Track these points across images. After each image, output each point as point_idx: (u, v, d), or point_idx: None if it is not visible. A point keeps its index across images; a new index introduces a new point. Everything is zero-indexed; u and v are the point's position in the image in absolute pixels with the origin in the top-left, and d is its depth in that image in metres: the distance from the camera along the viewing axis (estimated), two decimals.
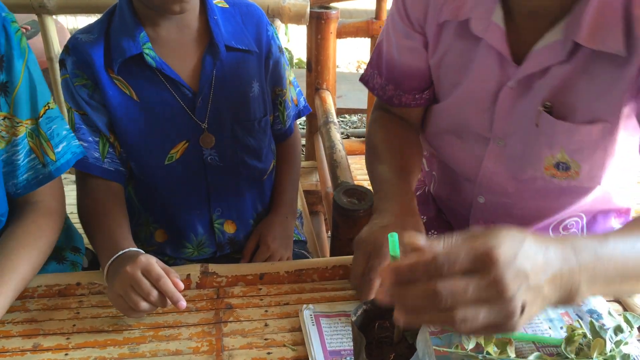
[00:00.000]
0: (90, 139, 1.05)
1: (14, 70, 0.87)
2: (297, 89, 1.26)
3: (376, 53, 1.11)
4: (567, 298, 0.60)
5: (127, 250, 0.92)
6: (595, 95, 0.86)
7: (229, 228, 1.19)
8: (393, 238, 0.62)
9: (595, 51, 0.83)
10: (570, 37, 0.83)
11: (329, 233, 1.53)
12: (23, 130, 0.89)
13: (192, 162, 1.10)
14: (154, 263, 0.84)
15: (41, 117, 0.91)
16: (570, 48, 0.84)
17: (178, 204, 1.14)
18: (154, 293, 0.82)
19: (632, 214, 1.10)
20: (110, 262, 0.90)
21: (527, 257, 0.56)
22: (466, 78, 0.97)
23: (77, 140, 0.98)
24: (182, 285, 0.84)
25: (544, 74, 0.89)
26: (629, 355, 0.77)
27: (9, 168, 0.90)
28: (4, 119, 0.88)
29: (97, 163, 1.06)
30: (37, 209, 0.94)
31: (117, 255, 0.90)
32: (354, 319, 0.67)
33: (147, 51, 1.01)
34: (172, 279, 0.83)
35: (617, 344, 0.78)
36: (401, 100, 1.09)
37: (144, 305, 0.82)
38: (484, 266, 0.55)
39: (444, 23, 0.96)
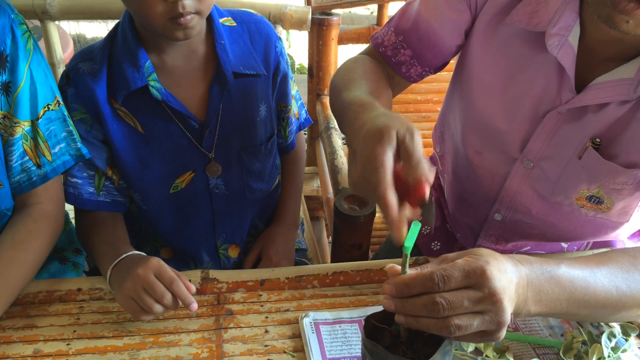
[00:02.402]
0: (84, 174, 1.02)
1: (17, 71, 0.87)
2: (300, 101, 1.23)
3: (399, 14, 1.02)
4: (516, 310, 0.67)
5: (130, 253, 0.92)
6: None
7: (233, 252, 1.18)
8: (416, 227, 0.65)
9: None
10: None
11: (330, 238, 1.53)
12: (19, 131, 0.89)
13: (197, 191, 1.08)
14: (166, 266, 0.86)
15: (40, 118, 0.91)
16: None
17: (182, 232, 1.12)
18: (168, 296, 0.83)
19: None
20: (113, 265, 0.90)
21: (505, 272, 0.65)
22: (514, 88, 0.92)
23: (77, 143, 0.96)
24: (194, 288, 0.85)
25: (600, 108, 0.86)
26: None
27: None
28: (3, 118, 0.88)
29: (91, 197, 1.03)
30: (31, 212, 0.93)
31: (120, 258, 0.91)
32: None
33: (152, 83, 0.96)
34: (184, 282, 0.85)
35: (615, 349, 0.78)
36: (409, 70, 1.02)
37: (157, 307, 0.83)
38: (478, 281, 0.63)
39: (507, 23, 0.90)
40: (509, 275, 0.66)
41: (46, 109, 0.92)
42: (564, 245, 1.05)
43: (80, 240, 1.06)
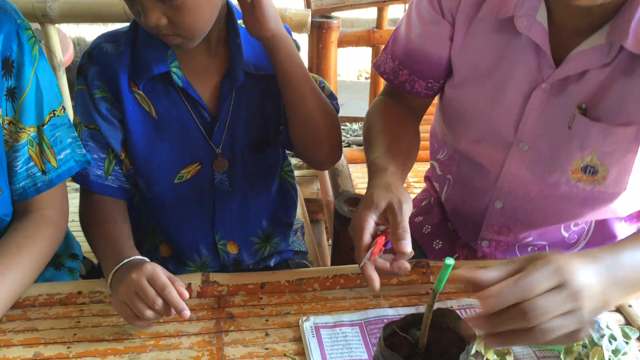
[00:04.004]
0: (95, 156, 1.02)
1: (23, 77, 0.87)
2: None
3: (392, 39, 1.11)
4: (601, 305, 0.69)
5: (132, 258, 0.91)
6: (632, 97, 0.88)
7: (232, 249, 1.18)
8: (448, 266, 0.65)
9: (635, 54, 0.85)
10: (615, 42, 0.85)
11: (330, 242, 1.53)
12: (25, 137, 0.89)
13: (201, 185, 1.09)
14: (160, 272, 0.85)
15: (45, 124, 0.91)
16: (615, 53, 0.86)
17: (182, 223, 1.13)
18: (159, 302, 0.82)
19: None
20: (114, 270, 0.90)
21: (582, 270, 0.68)
22: (498, 77, 0.97)
23: (82, 149, 0.97)
24: (187, 295, 0.84)
25: (581, 77, 0.90)
26: None
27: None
28: (9, 124, 0.88)
29: (98, 180, 1.03)
30: (32, 218, 0.93)
31: (122, 263, 0.90)
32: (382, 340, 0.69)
33: (174, 70, 0.99)
34: (177, 288, 0.83)
35: (616, 352, 0.78)
36: (413, 87, 1.08)
37: (148, 313, 0.82)
38: (560, 281, 0.65)
39: (480, 17, 0.96)
40: (587, 272, 0.68)
41: (52, 114, 0.92)
42: (565, 234, 1.08)
43: (83, 227, 1.05)
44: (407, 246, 0.82)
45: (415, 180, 1.85)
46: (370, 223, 0.85)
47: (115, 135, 1.03)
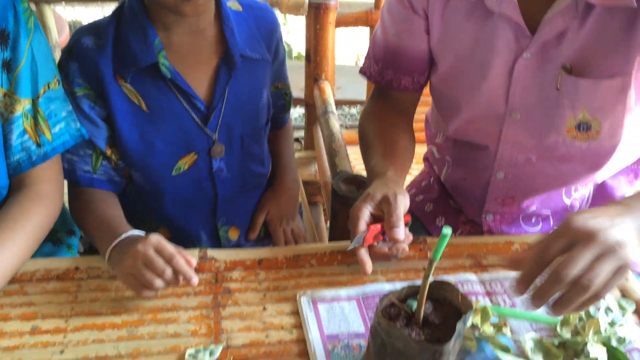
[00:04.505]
0: (81, 152, 1.01)
1: (19, 49, 0.87)
2: None
3: (371, 44, 1.15)
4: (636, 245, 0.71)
5: (130, 233, 0.91)
6: (612, 50, 0.89)
7: (233, 235, 1.18)
8: (445, 236, 0.65)
9: (607, 8, 0.86)
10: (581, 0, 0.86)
11: (328, 223, 1.53)
12: (20, 109, 0.89)
13: (200, 174, 1.08)
14: (165, 242, 0.85)
15: (40, 96, 0.91)
16: (582, 10, 0.87)
17: (182, 213, 1.12)
18: (168, 271, 0.82)
19: None
20: (113, 244, 0.89)
21: (591, 212, 0.72)
22: (480, 57, 0.98)
23: (77, 123, 0.96)
24: (194, 262, 0.84)
25: (560, 39, 0.92)
26: (624, 338, 0.77)
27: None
28: (4, 96, 0.88)
29: (86, 175, 1.03)
30: (27, 192, 0.93)
31: (120, 237, 0.90)
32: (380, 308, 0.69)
33: (162, 60, 0.96)
34: (184, 256, 0.83)
35: (612, 324, 0.78)
36: (400, 84, 1.11)
37: (158, 282, 0.82)
38: (571, 234, 0.69)
39: (452, 6, 0.99)
40: (596, 212, 0.71)
41: (46, 87, 0.92)
42: (567, 200, 1.09)
43: (74, 219, 1.05)
44: (400, 233, 0.87)
45: (414, 162, 1.84)
46: (366, 213, 0.89)
47: (98, 134, 1.01)
